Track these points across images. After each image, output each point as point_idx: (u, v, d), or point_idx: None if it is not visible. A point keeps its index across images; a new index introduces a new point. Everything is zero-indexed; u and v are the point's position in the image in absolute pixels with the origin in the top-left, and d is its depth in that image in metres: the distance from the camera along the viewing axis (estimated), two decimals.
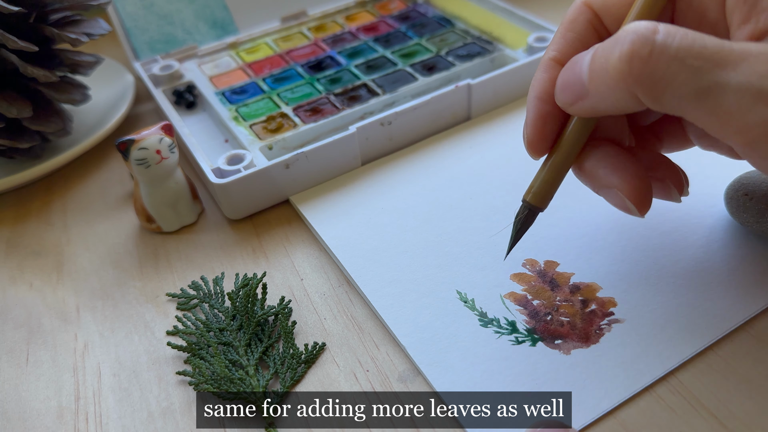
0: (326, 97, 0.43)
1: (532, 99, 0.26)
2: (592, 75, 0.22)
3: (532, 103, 0.26)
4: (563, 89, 0.24)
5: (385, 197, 0.37)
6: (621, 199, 0.26)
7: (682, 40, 0.20)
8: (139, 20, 0.48)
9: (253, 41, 0.50)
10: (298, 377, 0.28)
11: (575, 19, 0.26)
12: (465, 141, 0.40)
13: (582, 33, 0.26)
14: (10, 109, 0.38)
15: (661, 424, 0.24)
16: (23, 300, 0.34)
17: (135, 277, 0.35)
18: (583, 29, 0.26)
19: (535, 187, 0.27)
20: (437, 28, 0.49)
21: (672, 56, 0.20)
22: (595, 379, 0.26)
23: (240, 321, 0.30)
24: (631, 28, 0.21)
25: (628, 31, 0.21)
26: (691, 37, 0.20)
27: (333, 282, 0.33)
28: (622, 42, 0.21)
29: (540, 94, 0.26)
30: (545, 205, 0.27)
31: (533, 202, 0.27)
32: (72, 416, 0.28)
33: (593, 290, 0.30)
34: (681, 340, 0.27)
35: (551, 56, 0.26)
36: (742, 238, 0.31)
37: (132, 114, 0.49)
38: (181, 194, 0.37)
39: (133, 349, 0.31)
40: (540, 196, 0.27)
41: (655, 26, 0.21)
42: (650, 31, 0.20)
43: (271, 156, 0.38)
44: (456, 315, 0.29)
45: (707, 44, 0.20)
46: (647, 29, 0.20)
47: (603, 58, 0.22)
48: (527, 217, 0.27)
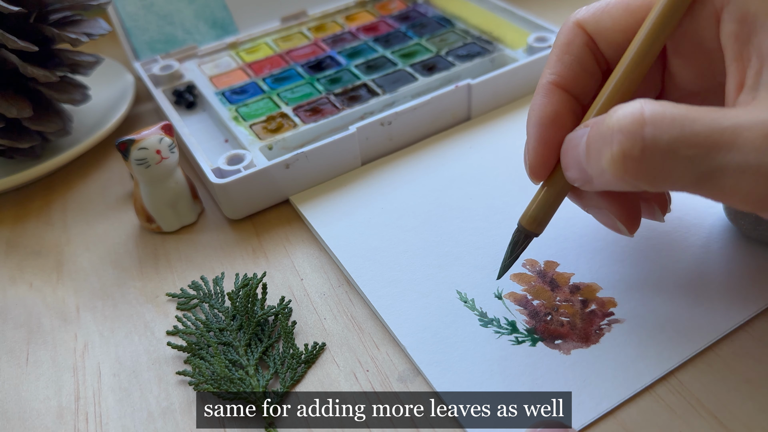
0: (326, 97, 0.43)
1: (533, 124, 0.26)
2: (590, 167, 0.22)
3: (534, 128, 0.26)
4: (569, 169, 0.24)
5: (385, 197, 0.37)
6: (611, 220, 0.26)
7: (671, 129, 0.19)
8: (139, 20, 0.48)
9: (253, 41, 0.50)
10: (298, 377, 0.28)
11: (571, 41, 0.26)
12: (465, 141, 0.40)
13: (579, 56, 0.26)
14: (10, 109, 0.38)
15: (661, 424, 0.24)
16: (23, 300, 0.34)
17: (135, 277, 0.35)
18: (580, 52, 0.26)
19: (531, 213, 0.27)
20: (437, 28, 0.49)
21: (664, 150, 0.19)
22: (595, 379, 0.26)
23: (240, 321, 0.30)
24: (616, 123, 0.20)
25: (614, 128, 0.20)
26: (680, 122, 0.19)
27: (333, 282, 0.33)
28: (610, 140, 0.20)
29: (541, 119, 0.26)
30: (541, 230, 0.27)
31: (529, 228, 0.27)
32: (72, 416, 0.28)
33: (593, 290, 0.30)
34: (681, 340, 0.27)
35: (550, 80, 0.26)
36: (741, 238, 0.31)
37: (132, 114, 0.49)
38: (181, 194, 0.37)
39: (133, 349, 0.31)
40: (536, 222, 0.27)
41: (640, 116, 0.20)
42: (637, 124, 0.20)
43: (271, 156, 0.38)
44: (456, 315, 0.29)
45: (697, 129, 0.19)
46: (633, 123, 0.20)
47: (596, 152, 0.21)
48: (522, 242, 0.27)
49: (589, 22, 0.26)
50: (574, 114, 0.26)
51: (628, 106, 0.20)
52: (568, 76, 0.26)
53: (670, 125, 0.19)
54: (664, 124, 0.19)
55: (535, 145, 0.26)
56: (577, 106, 0.26)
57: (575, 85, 0.26)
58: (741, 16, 0.22)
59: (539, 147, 0.26)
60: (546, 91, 0.26)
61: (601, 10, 0.26)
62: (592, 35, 0.26)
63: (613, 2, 0.26)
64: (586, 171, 0.22)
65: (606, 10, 0.26)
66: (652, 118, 0.20)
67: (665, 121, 0.19)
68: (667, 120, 0.19)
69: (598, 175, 0.22)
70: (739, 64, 0.22)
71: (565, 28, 0.26)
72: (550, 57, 0.27)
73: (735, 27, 0.22)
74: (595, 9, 0.26)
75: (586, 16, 0.26)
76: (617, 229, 0.26)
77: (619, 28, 0.25)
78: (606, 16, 0.25)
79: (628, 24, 0.25)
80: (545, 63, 0.27)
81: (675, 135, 0.19)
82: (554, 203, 0.26)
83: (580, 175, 0.23)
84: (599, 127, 0.21)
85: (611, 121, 0.20)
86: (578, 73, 0.26)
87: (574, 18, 0.26)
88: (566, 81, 0.26)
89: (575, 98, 0.26)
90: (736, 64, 0.22)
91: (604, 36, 0.26)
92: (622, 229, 0.26)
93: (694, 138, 0.19)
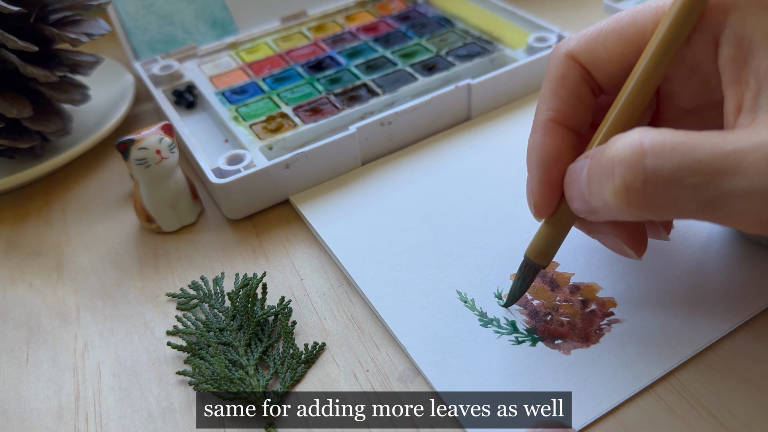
0: (326, 97, 0.43)
1: (535, 165, 0.25)
2: (593, 199, 0.22)
3: (536, 169, 0.25)
4: (574, 201, 0.24)
5: (385, 197, 0.37)
6: (618, 244, 0.26)
7: (672, 157, 0.19)
8: (139, 20, 0.48)
9: (253, 41, 0.50)
10: (298, 377, 0.28)
11: (566, 75, 0.25)
12: (465, 141, 0.40)
13: (575, 89, 0.25)
14: (10, 109, 0.38)
15: (661, 424, 0.24)
16: (23, 300, 0.34)
17: (135, 277, 0.35)
18: (576, 85, 0.25)
19: (539, 247, 0.27)
20: (437, 28, 0.49)
21: (667, 180, 0.19)
22: (595, 379, 0.26)
23: (240, 321, 0.30)
24: (616, 156, 0.20)
25: (614, 161, 0.20)
26: (680, 150, 0.19)
27: (333, 282, 0.33)
28: (611, 173, 0.20)
29: (542, 159, 0.25)
30: (548, 263, 0.27)
31: (537, 261, 0.27)
32: (72, 416, 0.28)
33: (593, 290, 0.30)
34: (681, 340, 0.27)
35: (549, 117, 0.25)
36: (741, 239, 0.31)
37: (132, 114, 0.49)
38: (181, 194, 0.37)
39: (133, 349, 0.31)
40: (543, 254, 0.27)
41: (640, 147, 0.19)
42: (637, 156, 0.19)
43: (271, 156, 0.38)
44: (456, 315, 0.29)
45: (699, 156, 0.19)
46: (633, 154, 0.19)
47: (598, 185, 0.21)
48: (531, 275, 0.27)
49: (582, 54, 0.25)
50: (574, 148, 0.26)
51: (626, 137, 0.20)
52: (566, 111, 0.25)
53: (670, 154, 0.19)
54: (665, 153, 0.19)
55: (539, 185, 0.25)
56: (575, 139, 0.26)
57: (573, 119, 0.26)
58: (737, 40, 0.22)
59: (543, 187, 0.25)
60: (545, 129, 0.25)
61: (594, 41, 0.25)
62: (587, 67, 0.25)
63: (603, 31, 0.25)
64: (590, 203, 0.22)
65: (599, 40, 0.25)
66: (651, 148, 0.19)
67: (665, 150, 0.19)
68: (668, 149, 0.19)
69: (602, 206, 0.21)
70: (737, 87, 0.22)
71: (557, 61, 0.26)
72: (543, 91, 0.26)
73: (732, 51, 0.22)
74: (587, 40, 0.25)
75: (578, 48, 0.25)
76: (624, 253, 0.26)
77: (615, 58, 0.25)
78: (600, 47, 0.25)
79: (623, 53, 0.24)
80: (539, 97, 0.26)
81: (677, 163, 0.19)
82: (560, 235, 0.26)
83: (585, 207, 0.23)
84: (599, 159, 0.21)
85: (611, 153, 0.20)
86: (575, 107, 0.25)
87: (566, 49, 0.25)
88: (565, 116, 0.25)
89: (573, 131, 0.26)
90: (734, 87, 0.22)
91: (599, 67, 0.25)
92: (629, 253, 0.26)
93: (697, 165, 0.19)
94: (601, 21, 0.25)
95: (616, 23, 0.25)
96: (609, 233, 0.26)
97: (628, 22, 0.25)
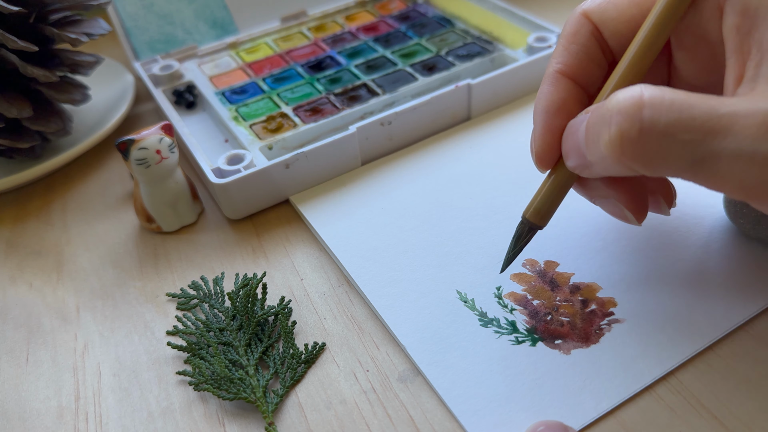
0: (326, 97, 0.43)
1: (540, 112, 0.26)
2: (589, 151, 0.22)
3: (540, 116, 0.26)
4: (569, 157, 0.24)
5: (385, 197, 0.37)
6: (619, 209, 0.26)
7: (668, 113, 0.20)
8: (139, 20, 0.48)
9: (253, 41, 0.50)
10: (298, 377, 0.28)
11: (577, 31, 0.26)
12: (465, 141, 0.40)
13: (585, 45, 0.26)
14: (10, 109, 0.38)
15: (661, 424, 0.24)
16: (23, 300, 0.34)
17: (135, 277, 0.35)
18: (586, 41, 0.26)
19: (536, 205, 0.27)
20: (437, 28, 0.49)
21: (661, 133, 0.20)
22: (595, 379, 0.26)
23: (240, 321, 0.30)
24: (616, 106, 0.20)
25: (613, 110, 0.20)
26: (678, 106, 0.20)
27: (333, 282, 0.33)
28: (609, 122, 0.21)
29: (547, 107, 0.26)
30: (545, 223, 0.27)
31: (534, 220, 0.27)
32: (72, 416, 0.28)
33: (593, 290, 0.30)
34: (681, 340, 0.27)
35: (557, 68, 0.26)
36: (741, 238, 0.31)
37: (132, 114, 0.49)
38: (181, 194, 0.37)
39: (133, 349, 0.31)
40: (541, 214, 0.27)
41: (639, 99, 0.20)
42: (636, 107, 0.20)
43: (271, 156, 0.38)
44: (456, 315, 0.29)
45: (695, 114, 0.19)
46: (633, 105, 0.20)
47: (595, 135, 0.21)
48: (526, 234, 0.27)
49: (594, 12, 0.26)
50: (580, 102, 0.26)
51: (628, 90, 0.21)
52: (574, 64, 0.26)
53: (668, 109, 0.20)
54: (663, 107, 0.20)
55: (541, 132, 0.26)
56: (583, 95, 0.26)
57: (581, 74, 0.26)
58: (743, 9, 0.22)
59: (546, 134, 0.26)
60: (552, 79, 0.26)
61: (607, 1, 0.26)
62: (598, 25, 0.26)
63: None
64: (585, 156, 0.23)
65: (611, 0, 0.26)
66: (650, 101, 0.20)
67: (664, 105, 0.20)
68: (666, 104, 0.20)
69: (596, 159, 0.22)
70: (739, 57, 0.22)
71: (572, 18, 0.27)
72: (556, 47, 0.27)
73: (736, 20, 0.22)
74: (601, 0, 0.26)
75: (592, 6, 0.26)
76: (625, 218, 0.26)
77: (624, 18, 0.25)
78: (611, 6, 0.26)
79: (632, 15, 0.25)
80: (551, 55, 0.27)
81: (673, 118, 0.20)
82: (559, 195, 0.26)
83: (580, 161, 0.23)
84: (599, 110, 0.21)
85: (611, 104, 0.21)
86: (584, 62, 0.26)
87: (581, 8, 0.27)
88: (572, 70, 0.26)
89: (581, 87, 0.26)
90: (737, 57, 0.22)
91: (608, 26, 0.26)
92: (630, 218, 0.26)
93: (692, 122, 0.19)
94: None
95: None
96: (610, 197, 0.26)
97: None
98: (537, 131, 0.26)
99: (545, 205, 0.26)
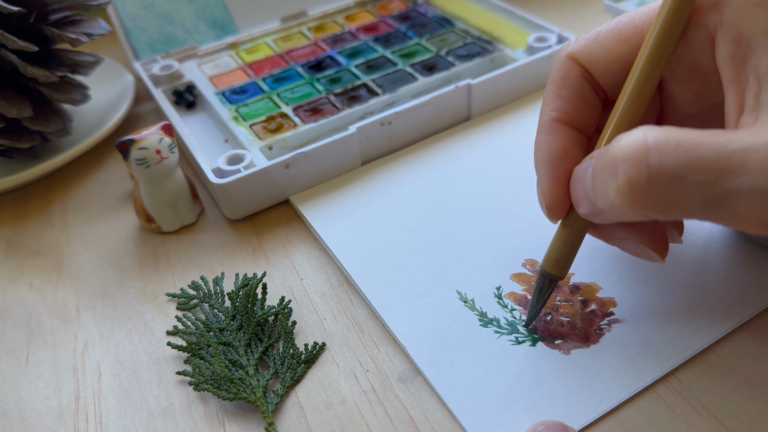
0: (326, 97, 0.43)
1: (543, 163, 0.25)
2: (598, 200, 0.22)
3: (544, 167, 0.25)
4: (579, 205, 0.24)
5: (385, 197, 0.37)
6: (640, 248, 0.25)
7: (676, 154, 0.19)
8: (139, 20, 0.48)
9: (253, 41, 0.50)
10: (298, 377, 0.28)
11: (566, 75, 0.25)
12: (465, 141, 0.40)
13: (577, 88, 0.25)
14: (10, 109, 0.38)
15: (661, 424, 0.24)
16: (23, 300, 0.34)
17: (135, 277, 0.35)
18: (578, 84, 0.25)
19: (554, 255, 0.26)
20: (437, 28, 0.49)
21: (672, 177, 0.19)
22: (595, 379, 0.26)
23: (240, 321, 0.30)
24: (620, 153, 0.20)
25: (618, 158, 0.20)
26: (685, 147, 0.19)
27: (333, 282, 0.33)
28: (615, 170, 0.20)
29: (550, 157, 0.25)
30: (564, 273, 0.27)
31: (553, 272, 0.26)
32: (72, 416, 0.28)
33: (593, 290, 0.30)
34: (681, 340, 0.27)
35: (552, 116, 0.25)
36: (741, 239, 0.31)
37: (132, 114, 0.49)
38: (181, 194, 0.37)
39: (133, 349, 0.31)
40: (560, 264, 0.26)
41: (644, 143, 0.19)
42: (641, 152, 0.19)
43: (271, 156, 0.38)
44: (456, 315, 0.29)
45: (704, 154, 0.19)
46: (638, 151, 0.19)
47: (602, 183, 0.21)
48: (548, 287, 0.27)
49: (581, 54, 0.25)
50: (581, 147, 0.25)
51: (630, 135, 0.20)
52: (569, 110, 0.25)
53: (675, 151, 0.19)
54: (669, 150, 0.19)
55: (549, 184, 0.25)
56: (582, 139, 0.26)
57: (578, 118, 0.25)
58: (735, 37, 0.21)
59: (553, 185, 0.25)
60: (549, 128, 0.25)
61: (593, 41, 0.25)
62: (587, 66, 0.25)
63: (602, 32, 0.25)
64: (595, 204, 0.22)
65: (597, 40, 0.25)
66: (656, 145, 0.19)
67: (670, 147, 0.19)
68: (672, 146, 0.19)
69: (607, 207, 0.21)
70: (737, 86, 0.21)
71: (558, 63, 0.26)
72: (546, 94, 0.26)
73: (730, 49, 0.22)
74: (586, 41, 0.25)
75: (577, 48, 0.25)
76: (648, 257, 0.26)
77: (613, 57, 0.25)
78: (598, 46, 0.25)
79: (621, 52, 0.25)
80: (543, 101, 0.26)
81: (681, 161, 0.19)
82: (575, 243, 0.26)
83: (591, 209, 0.23)
84: (603, 157, 0.21)
85: (615, 151, 0.20)
86: (579, 106, 0.25)
87: (565, 52, 0.26)
88: (568, 115, 0.25)
89: (580, 131, 0.26)
90: (734, 86, 0.22)
91: (598, 67, 0.25)
92: (653, 256, 0.25)
93: (702, 163, 0.19)
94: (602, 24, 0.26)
95: (615, 24, 0.25)
96: (630, 238, 0.25)
97: (626, 23, 0.25)
98: (544, 183, 0.25)
99: (563, 255, 0.26)
